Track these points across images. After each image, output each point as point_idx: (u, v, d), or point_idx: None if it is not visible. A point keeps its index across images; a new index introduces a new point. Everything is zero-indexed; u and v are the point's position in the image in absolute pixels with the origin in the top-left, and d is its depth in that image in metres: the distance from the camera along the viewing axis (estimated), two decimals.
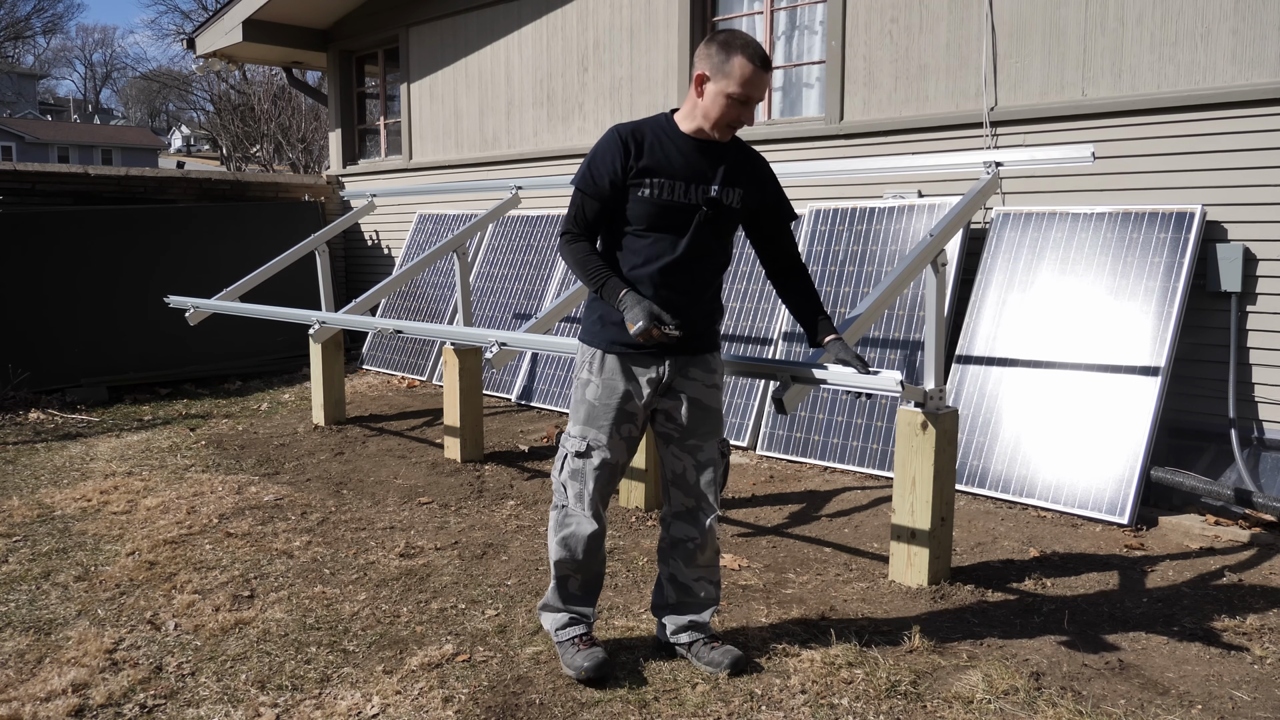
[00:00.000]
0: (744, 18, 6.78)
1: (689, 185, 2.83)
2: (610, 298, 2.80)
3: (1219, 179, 4.71)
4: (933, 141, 5.69)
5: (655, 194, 2.80)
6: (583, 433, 2.90)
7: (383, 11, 9.43)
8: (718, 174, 2.86)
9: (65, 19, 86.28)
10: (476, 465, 5.51)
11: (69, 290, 7.73)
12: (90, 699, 2.84)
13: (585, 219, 2.87)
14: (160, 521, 4.48)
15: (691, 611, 3.03)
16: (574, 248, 2.88)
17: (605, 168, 2.81)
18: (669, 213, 2.82)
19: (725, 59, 2.74)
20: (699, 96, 2.80)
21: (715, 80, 2.76)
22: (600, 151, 2.83)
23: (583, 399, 2.91)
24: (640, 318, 2.72)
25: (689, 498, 2.98)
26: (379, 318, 7.40)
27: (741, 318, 6.04)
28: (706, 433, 2.95)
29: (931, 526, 3.58)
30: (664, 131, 2.86)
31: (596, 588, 3.03)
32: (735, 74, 2.73)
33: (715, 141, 2.86)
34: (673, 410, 2.93)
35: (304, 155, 21.08)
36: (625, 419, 2.90)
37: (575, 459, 2.91)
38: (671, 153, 2.83)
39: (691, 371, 2.92)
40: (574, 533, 2.91)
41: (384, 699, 2.82)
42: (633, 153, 2.81)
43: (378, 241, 9.81)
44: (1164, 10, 4.83)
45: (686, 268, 2.85)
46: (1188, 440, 4.78)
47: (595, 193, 2.83)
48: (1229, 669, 2.99)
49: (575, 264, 2.87)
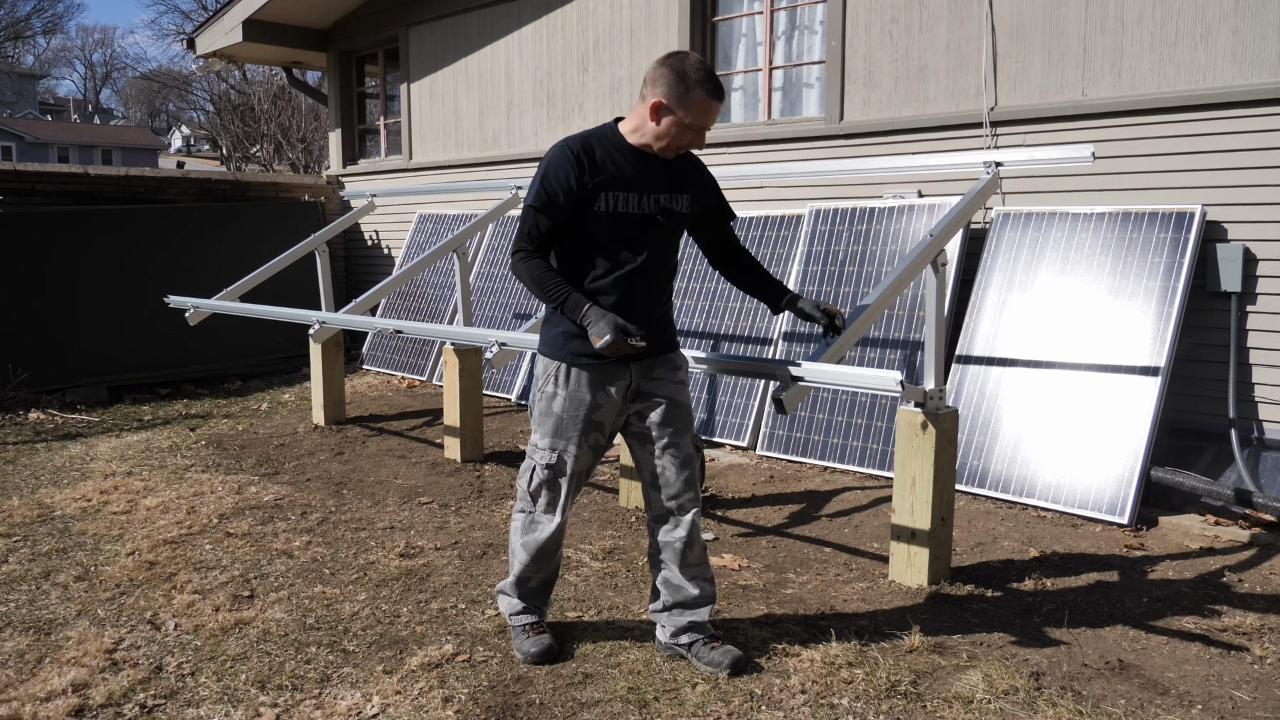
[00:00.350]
0: (744, 18, 6.78)
1: (642, 196, 2.88)
2: (573, 313, 2.82)
3: (1219, 179, 4.71)
4: (933, 141, 5.69)
5: (611, 206, 2.84)
6: (552, 444, 2.95)
7: (383, 11, 9.43)
8: (667, 182, 2.93)
9: (65, 19, 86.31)
10: (476, 465, 5.51)
11: (69, 290, 7.73)
12: (90, 699, 2.84)
13: (539, 235, 2.87)
14: (160, 521, 4.48)
15: (689, 612, 3.04)
16: (529, 265, 2.87)
17: (559, 184, 2.81)
18: (625, 224, 2.87)
19: (685, 90, 2.76)
20: (654, 121, 2.82)
21: (675, 110, 2.79)
22: (552, 168, 2.83)
23: (549, 411, 2.95)
24: (607, 331, 2.74)
25: (670, 499, 3.01)
26: (379, 318, 7.40)
27: (742, 318, 6.04)
28: (681, 429, 3.01)
29: (931, 526, 3.58)
30: (612, 144, 2.88)
31: (552, 583, 3.19)
32: (695, 107, 2.78)
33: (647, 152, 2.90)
34: (645, 411, 2.99)
35: (304, 155, 21.08)
36: (593, 429, 2.95)
37: (545, 470, 2.97)
38: (622, 165, 2.87)
39: (657, 372, 2.99)
40: (537, 538, 3.01)
41: (384, 699, 2.82)
42: (586, 167, 2.82)
43: (378, 241, 9.81)
44: (1164, 10, 4.83)
45: (645, 276, 2.91)
46: (1188, 440, 4.78)
47: (550, 209, 2.83)
48: (1229, 669, 2.99)
49: (532, 281, 2.87)
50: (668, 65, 2.79)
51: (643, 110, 2.84)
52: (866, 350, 5.40)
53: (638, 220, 2.88)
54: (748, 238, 6.26)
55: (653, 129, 2.83)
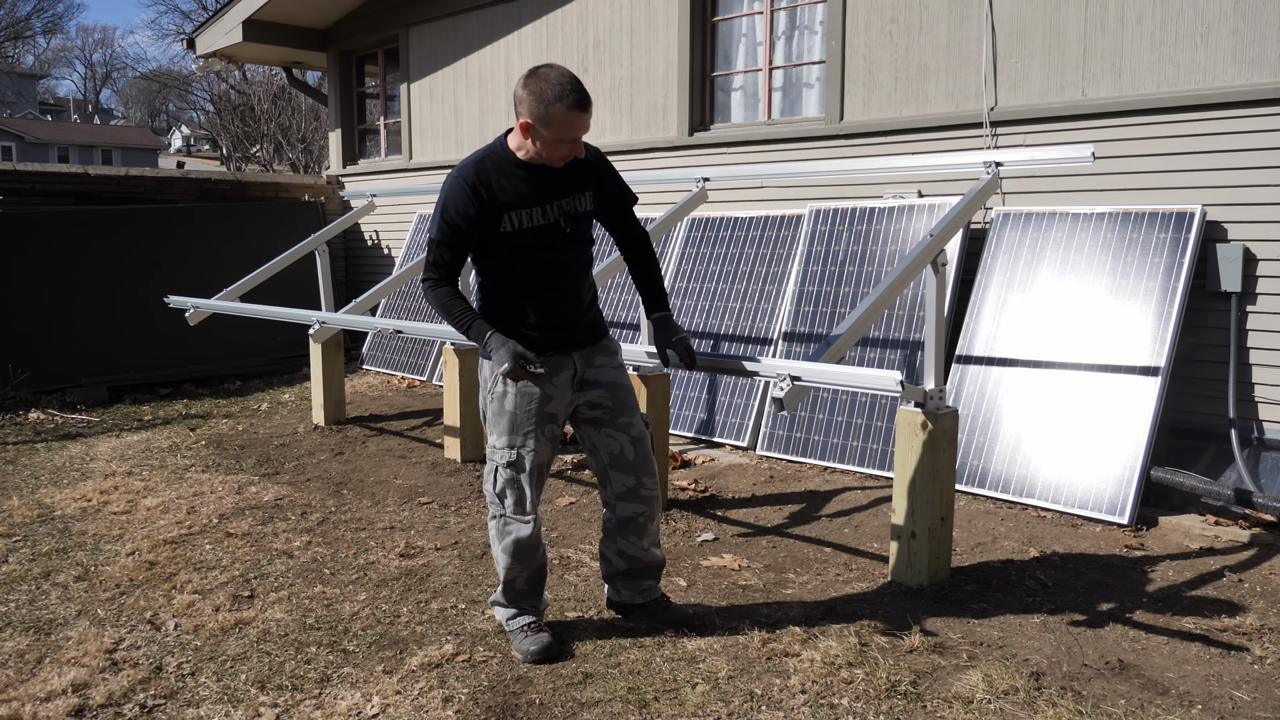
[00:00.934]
0: (744, 18, 6.78)
1: (545, 207, 2.95)
2: (478, 338, 2.98)
3: (1219, 179, 4.71)
4: (933, 141, 5.69)
5: (516, 225, 2.93)
6: (510, 442, 3.03)
7: (383, 11, 9.43)
8: (564, 187, 2.99)
9: (65, 19, 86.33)
10: (476, 465, 5.51)
11: (69, 290, 7.73)
12: (90, 699, 2.84)
13: (444, 264, 3.00)
14: (160, 521, 4.48)
15: (649, 576, 3.27)
16: (437, 293, 3.01)
17: (459, 215, 2.90)
18: (533, 236, 2.95)
19: (546, 110, 2.80)
20: (528, 140, 2.88)
21: (542, 130, 2.84)
22: (450, 200, 2.91)
23: (502, 410, 3.03)
24: (506, 359, 2.88)
25: (629, 476, 3.14)
26: (379, 318, 7.40)
27: (742, 318, 6.04)
28: (630, 409, 3.15)
29: (931, 526, 3.58)
30: (505, 163, 2.94)
31: (542, 579, 3.20)
32: (558, 123, 2.82)
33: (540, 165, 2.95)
34: (595, 399, 3.10)
35: (304, 155, 21.09)
36: (548, 420, 3.04)
37: (507, 469, 3.05)
38: (518, 183, 2.93)
39: (597, 360, 3.11)
40: (515, 539, 3.07)
41: (384, 699, 2.82)
42: (483, 195, 2.89)
43: (378, 241, 9.81)
44: (1164, 10, 4.83)
45: (563, 276, 3.03)
46: (1188, 440, 4.78)
47: (451, 240, 2.95)
48: (1229, 669, 2.99)
49: (440, 309, 3.02)
50: (526, 88, 2.83)
51: (519, 128, 2.90)
52: (866, 350, 5.40)
53: (544, 231, 2.97)
54: (748, 238, 6.26)
55: (531, 146, 2.91)
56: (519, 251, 2.96)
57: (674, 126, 7.04)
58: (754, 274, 6.12)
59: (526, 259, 2.98)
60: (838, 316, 5.58)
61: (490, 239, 2.94)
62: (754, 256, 6.18)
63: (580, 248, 3.08)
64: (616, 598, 3.32)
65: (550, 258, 3.00)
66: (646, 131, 7.23)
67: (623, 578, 3.28)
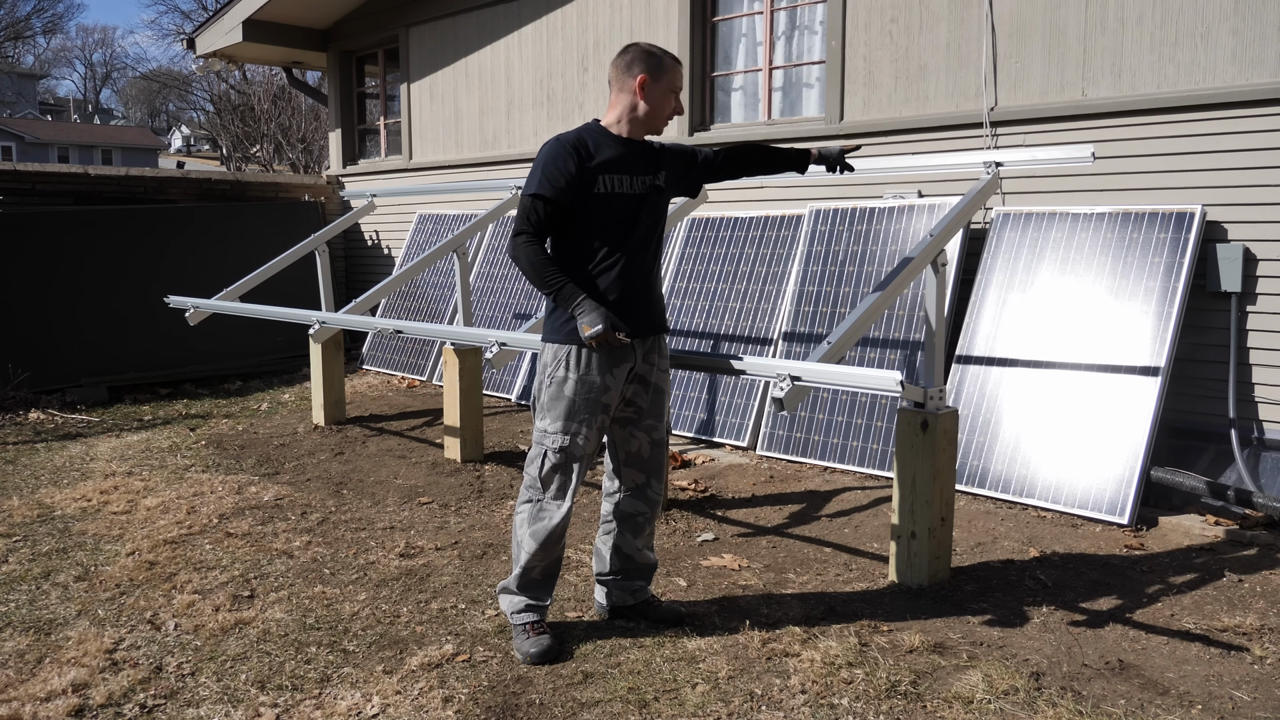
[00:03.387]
0: (744, 18, 6.78)
1: (634, 177, 3.07)
2: (567, 301, 2.96)
3: (1219, 179, 4.71)
4: (933, 141, 5.69)
5: (609, 188, 3.00)
6: (565, 428, 3.03)
7: (383, 11, 9.43)
8: (649, 164, 3.12)
9: (65, 19, 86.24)
10: (476, 465, 5.51)
11: (69, 290, 7.73)
12: (90, 699, 2.84)
13: (540, 220, 2.99)
14: (160, 521, 4.48)
15: (640, 577, 3.31)
16: (530, 250, 3.00)
17: (561, 171, 2.95)
18: (621, 204, 3.03)
19: (659, 64, 3.05)
20: (643, 100, 3.04)
21: (656, 83, 3.04)
22: (552, 157, 2.98)
23: (560, 395, 3.03)
24: (599, 321, 2.90)
25: (641, 474, 3.21)
26: (379, 318, 7.40)
27: (742, 318, 6.04)
28: (660, 413, 3.22)
29: (931, 526, 3.58)
30: (600, 135, 3.07)
31: (555, 574, 3.19)
32: (670, 71, 3.07)
33: (636, 140, 3.11)
34: (635, 396, 3.15)
35: (304, 155, 21.08)
36: (602, 410, 3.07)
37: (558, 454, 3.05)
38: (613, 151, 3.04)
39: (653, 358, 3.16)
40: (547, 525, 3.07)
41: (384, 699, 2.82)
42: (582, 153, 2.99)
43: (378, 241, 9.81)
44: (1164, 10, 4.83)
45: (642, 253, 3.09)
46: (1188, 440, 4.78)
47: (554, 194, 2.97)
48: (1229, 669, 2.99)
49: (530, 266, 3.00)
50: (632, 53, 3.05)
51: (626, 97, 3.05)
52: (866, 350, 5.40)
53: (633, 200, 3.05)
54: (748, 238, 6.26)
55: (644, 107, 3.05)
56: (606, 220, 3.01)
57: (674, 126, 7.05)
58: (754, 274, 6.12)
59: (611, 229, 3.02)
60: (838, 316, 5.58)
61: (584, 200, 2.97)
62: (754, 256, 6.18)
63: (658, 228, 3.16)
64: (606, 600, 3.34)
65: (633, 232, 3.05)
66: None
67: (615, 578, 3.30)
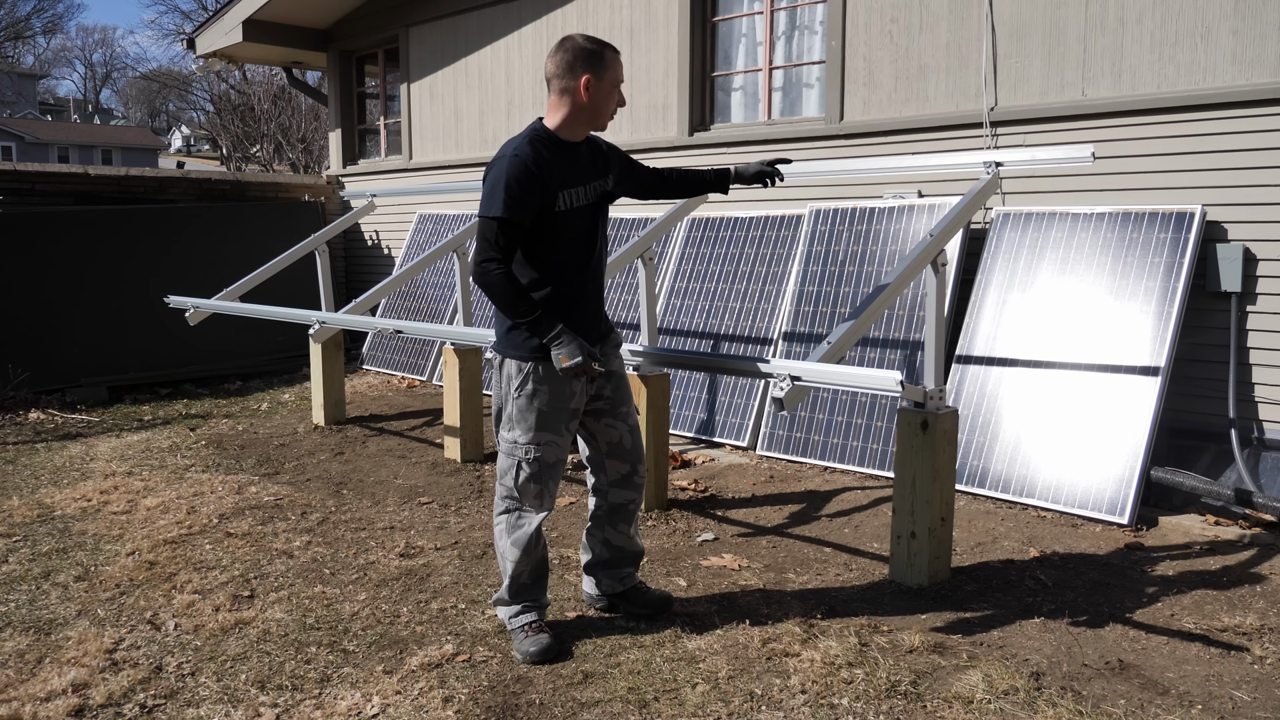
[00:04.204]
0: (744, 18, 6.78)
1: (586, 187, 3.03)
2: (544, 333, 2.92)
3: (1219, 179, 4.71)
4: (933, 141, 5.69)
5: (569, 204, 2.96)
6: (537, 439, 3.05)
7: (383, 11, 9.43)
8: (594, 169, 3.09)
9: (65, 19, 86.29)
10: (476, 465, 5.51)
11: (69, 290, 7.73)
12: (90, 699, 2.84)
13: (506, 246, 2.90)
14: (160, 521, 4.48)
15: (629, 564, 3.36)
16: (501, 278, 2.88)
17: (523, 190, 2.86)
18: (579, 217, 3.01)
19: (599, 60, 2.95)
20: (586, 98, 2.95)
21: (600, 79, 2.95)
22: (512, 177, 2.86)
23: (530, 407, 3.03)
24: (578, 353, 2.91)
25: (625, 463, 3.26)
26: (379, 318, 7.40)
27: (742, 318, 6.04)
28: (629, 397, 3.27)
29: (931, 526, 3.58)
30: (548, 141, 2.97)
31: (545, 573, 3.20)
32: (611, 65, 2.98)
33: (576, 143, 3.04)
34: (600, 388, 3.18)
35: (304, 155, 21.09)
36: (573, 416, 3.10)
37: (532, 464, 3.06)
38: (565, 162, 2.98)
39: (606, 350, 3.19)
40: (526, 531, 3.09)
41: (384, 699, 2.82)
42: (543, 172, 2.90)
43: (378, 241, 9.81)
44: (1164, 10, 4.83)
45: (598, 266, 3.12)
46: (1188, 440, 4.78)
47: (516, 217, 2.87)
48: (1229, 669, 2.99)
49: (503, 296, 2.90)
50: (567, 50, 2.94)
51: (570, 98, 2.95)
52: (866, 350, 5.40)
53: (586, 211, 3.03)
54: (748, 238, 6.26)
55: (591, 105, 2.96)
56: (566, 236, 2.98)
57: (674, 126, 7.05)
58: (754, 274, 6.12)
59: (571, 245, 3.00)
60: (838, 316, 5.58)
61: (544, 220, 2.92)
62: (754, 256, 6.18)
63: (604, 236, 3.15)
64: (595, 590, 3.38)
65: (590, 245, 3.05)
66: (647, 131, 7.23)
67: (604, 567, 3.35)
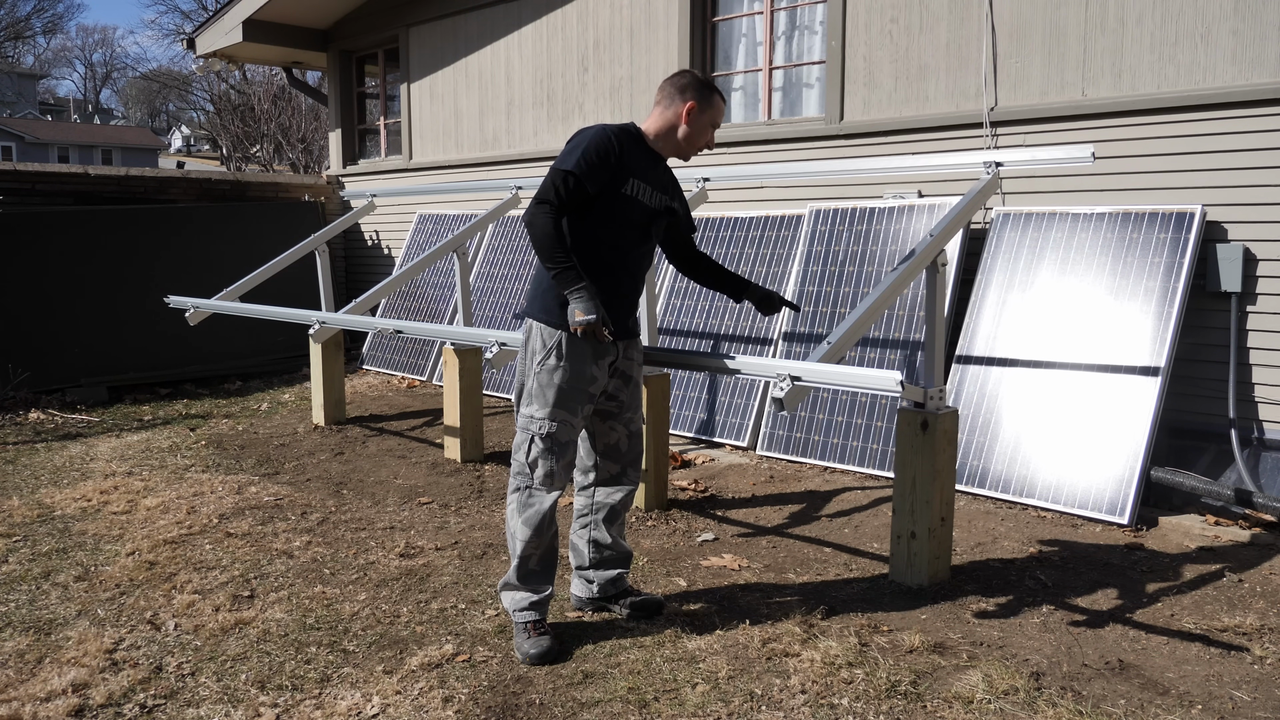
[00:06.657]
0: (744, 18, 6.78)
1: (654, 192, 3.16)
2: (567, 284, 2.95)
3: (1219, 179, 4.71)
4: (933, 142, 5.69)
5: (634, 192, 3.07)
6: (553, 415, 3.07)
7: (383, 11, 9.43)
8: (667, 186, 3.23)
9: (65, 19, 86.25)
10: (476, 465, 5.51)
11: (69, 290, 7.73)
12: (90, 699, 2.84)
13: (566, 197, 2.98)
14: (160, 521, 4.48)
15: (618, 565, 3.37)
16: (548, 221, 2.97)
17: (599, 156, 2.99)
18: (639, 212, 3.10)
19: (709, 97, 3.17)
20: (687, 124, 3.15)
21: (702, 114, 3.16)
22: (593, 142, 2.99)
23: (550, 383, 3.07)
24: (593, 311, 2.93)
25: (616, 464, 3.29)
26: (379, 318, 7.40)
27: (742, 318, 6.04)
28: (638, 405, 3.33)
29: (931, 526, 3.58)
30: (637, 140, 3.14)
31: (554, 561, 3.20)
32: (716, 108, 3.20)
33: (663, 159, 3.23)
34: (616, 390, 3.23)
35: (304, 155, 21.08)
36: (588, 400, 3.12)
37: (545, 440, 3.08)
38: (644, 160, 3.13)
39: (631, 353, 3.25)
40: (538, 510, 3.11)
41: (384, 699, 2.82)
42: (622, 151, 3.04)
43: (378, 241, 9.81)
44: (1164, 10, 4.83)
45: (640, 264, 3.19)
46: (1188, 440, 4.78)
47: (587, 176, 2.97)
48: (1229, 669, 2.99)
49: (543, 236, 2.97)
50: (688, 78, 3.17)
51: (670, 116, 3.15)
52: (866, 350, 5.40)
53: (649, 212, 3.14)
54: (748, 238, 6.26)
55: (685, 130, 3.16)
56: (621, 222, 3.06)
57: None
58: (754, 274, 6.12)
59: (623, 232, 3.08)
60: (838, 316, 5.58)
61: (607, 196, 3.01)
62: (754, 256, 6.18)
63: (653, 247, 3.27)
64: (585, 593, 3.38)
65: (639, 241, 3.14)
66: None
67: (593, 569, 3.36)
